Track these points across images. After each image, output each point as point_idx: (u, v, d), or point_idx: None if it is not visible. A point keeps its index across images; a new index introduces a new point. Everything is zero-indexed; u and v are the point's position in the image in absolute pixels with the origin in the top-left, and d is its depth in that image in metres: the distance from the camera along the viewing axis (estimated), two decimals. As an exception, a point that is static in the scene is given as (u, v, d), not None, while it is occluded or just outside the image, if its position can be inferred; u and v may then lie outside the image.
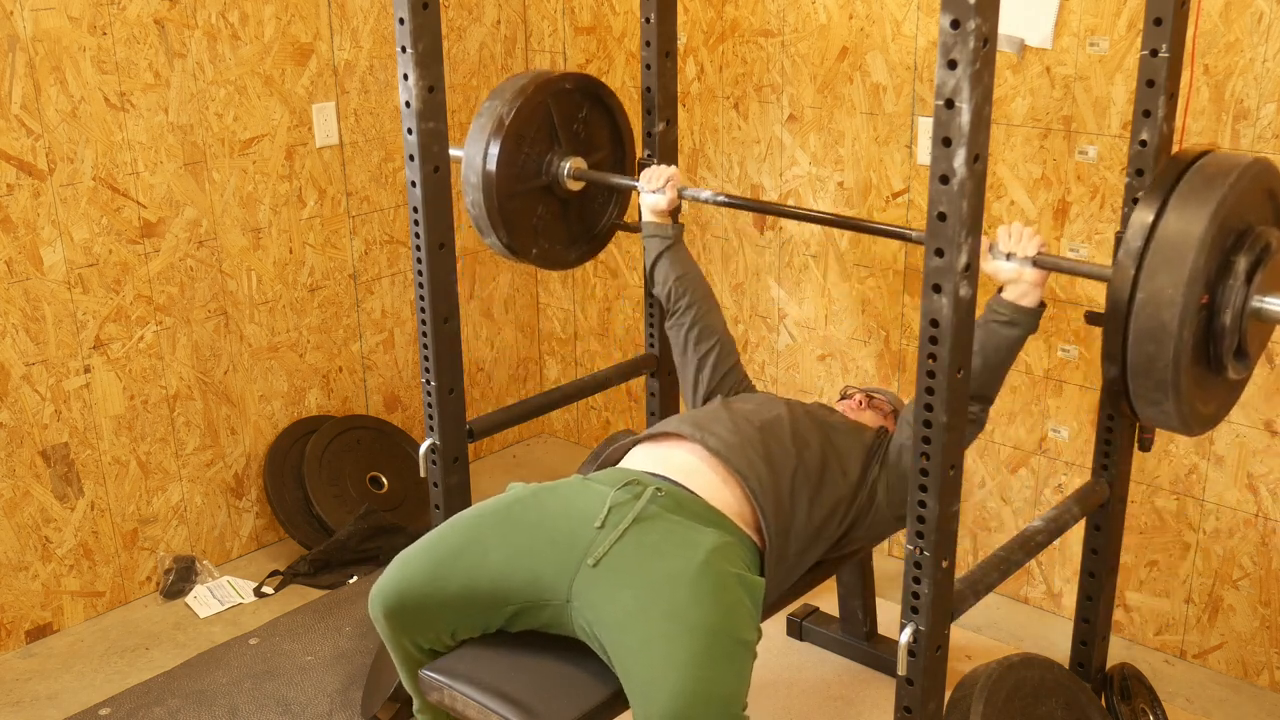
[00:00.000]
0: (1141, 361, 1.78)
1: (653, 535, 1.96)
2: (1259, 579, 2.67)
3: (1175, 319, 1.73)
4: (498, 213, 2.49)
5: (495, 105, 2.51)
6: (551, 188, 2.62)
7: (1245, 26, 2.41)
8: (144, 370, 3.03)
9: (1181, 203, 1.77)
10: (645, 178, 2.55)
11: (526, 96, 2.51)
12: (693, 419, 2.25)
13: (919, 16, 2.83)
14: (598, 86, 2.67)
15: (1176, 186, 1.80)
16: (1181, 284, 1.72)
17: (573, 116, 2.63)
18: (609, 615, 1.89)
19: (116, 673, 2.83)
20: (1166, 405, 1.81)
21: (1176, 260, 1.73)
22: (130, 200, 2.93)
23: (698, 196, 2.52)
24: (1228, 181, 1.77)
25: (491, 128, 2.48)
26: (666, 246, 2.54)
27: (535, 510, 2.04)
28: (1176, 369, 1.75)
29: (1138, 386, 1.82)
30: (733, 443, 2.15)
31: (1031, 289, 2.00)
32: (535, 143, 2.57)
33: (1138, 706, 2.42)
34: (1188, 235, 1.73)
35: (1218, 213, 1.74)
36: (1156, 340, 1.75)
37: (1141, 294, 1.76)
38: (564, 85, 2.59)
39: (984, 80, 1.52)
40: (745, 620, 1.89)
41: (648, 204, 2.55)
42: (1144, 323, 1.76)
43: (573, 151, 2.62)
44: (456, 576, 1.97)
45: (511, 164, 2.51)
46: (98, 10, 2.78)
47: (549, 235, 2.63)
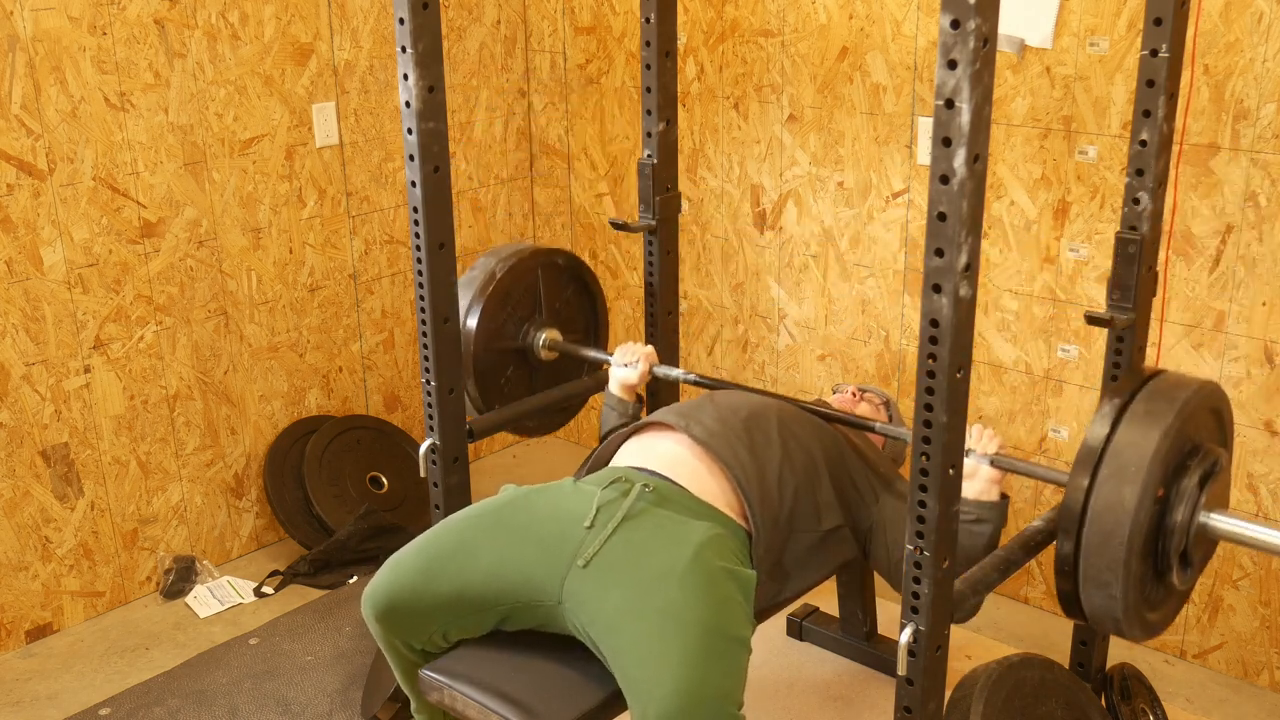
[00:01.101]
0: (1093, 596, 1.86)
1: (641, 533, 1.96)
2: (1259, 579, 2.67)
3: (1127, 527, 1.80)
4: (471, 362, 2.57)
5: (490, 261, 2.63)
6: (525, 354, 2.70)
7: (1245, 26, 2.41)
8: (144, 370, 3.03)
9: (1136, 417, 1.86)
10: (619, 352, 2.59)
11: (521, 259, 2.64)
12: (678, 409, 2.27)
13: (919, 16, 2.83)
14: (586, 272, 2.80)
15: (1131, 402, 1.89)
16: (1135, 494, 1.80)
17: (557, 293, 2.74)
18: (601, 615, 1.89)
19: (116, 673, 2.83)
20: (1120, 628, 1.89)
21: (1130, 472, 1.82)
22: (130, 200, 2.93)
23: (669, 374, 2.57)
24: (1180, 400, 1.87)
25: (482, 280, 2.59)
26: (621, 424, 2.53)
27: (525, 512, 2.05)
28: (1126, 604, 1.84)
29: (1092, 613, 1.89)
30: (717, 431, 2.16)
31: (989, 486, 2.07)
32: (519, 306, 2.67)
33: (1138, 706, 2.42)
34: (1141, 449, 1.82)
35: (1164, 441, 1.82)
36: (1105, 580, 1.83)
37: (1087, 540, 1.84)
38: (556, 260, 2.72)
39: (984, 80, 1.51)
40: (738, 615, 1.89)
41: (617, 377, 2.57)
42: (1093, 564, 1.84)
43: (551, 324, 2.72)
44: (447, 578, 1.98)
45: (494, 319, 2.60)
46: (98, 10, 2.78)
47: (514, 399, 2.70)
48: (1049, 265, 2.78)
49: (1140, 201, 2.10)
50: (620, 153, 3.56)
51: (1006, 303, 2.87)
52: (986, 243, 2.85)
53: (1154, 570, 1.89)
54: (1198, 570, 1.97)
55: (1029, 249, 2.81)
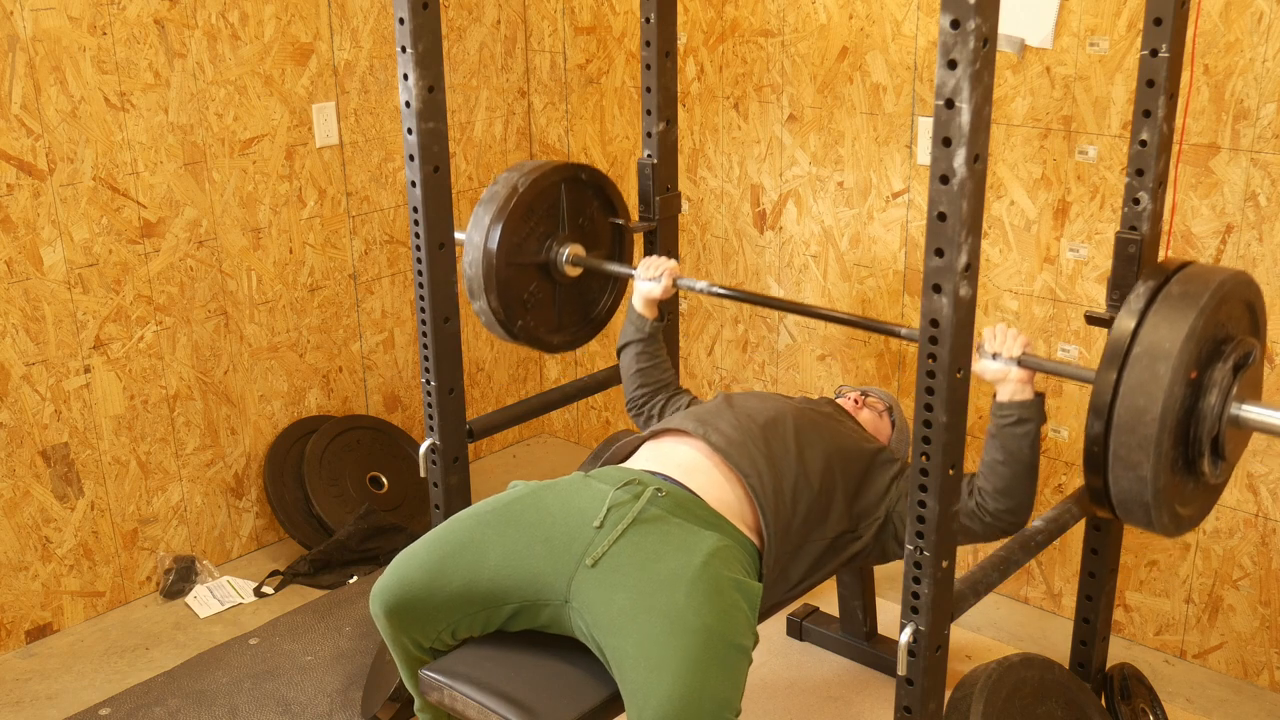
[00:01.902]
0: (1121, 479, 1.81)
1: (651, 537, 1.96)
2: (1259, 579, 2.67)
3: (1156, 420, 1.75)
4: (494, 277, 2.53)
5: (512, 175, 2.58)
6: (548, 269, 2.66)
7: (1245, 26, 2.41)
8: (144, 370, 3.03)
9: (1164, 309, 1.81)
10: (643, 266, 2.59)
11: (543, 173, 2.58)
12: (696, 415, 2.25)
13: (919, 16, 2.83)
14: (609, 186, 2.73)
15: (1159, 293, 1.84)
16: (1163, 383, 1.75)
17: (581, 208, 2.69)
18: (605, 617, 1.89)
19: (116, 673, 2.83)
20: (1149, 517, 1.84)
21: (1159, 361, 1.76)
22: (130, 200, 2.93)
23: (693, 287, 2.55)
24: (1209, 290, 1.81)
25: (505, 195, 2.54)
26: (640, 338, 2.56)
27: (535, 509, 2.04)
28: (1156, 487, 1.78)
29: (1120, 501, 1.85)
30: (735, 439, 2.15)
31: (1021, 386, 2.03)
32: (542, 221, 2.62)
33: (1138, 706, 2.42)
34: (1170, 341, 1.77)
35: (1198, 320, 1.78)
36: (1135, 459, 1.78)
37: (1119, 417, 1.79)
38: (579, 175, 2.66)
39: (984, 80, 1.52)
40: (741, 625, 1.89)
41: (641, 291, 2.57)
42: (1123, 442, 1.79)
43: (574, 239, 2.67)
44: (456, 575, 1.97)
45: (516, 233, 2.56)
46: (98, 10, 2.78)
47: (537, 314, 2.68)
48: (1049, 265, 2.79)
49: (1140, 201, 2.10)
50: (620, 153, 3.56)
51: (1006, 303, 2.87)
52: (986, 243, 2.85)
53: (1184, 458, 1.84)
54: (1230, 464, 1.91)
55: (1029, 249, 2.81)
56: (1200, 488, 1.93)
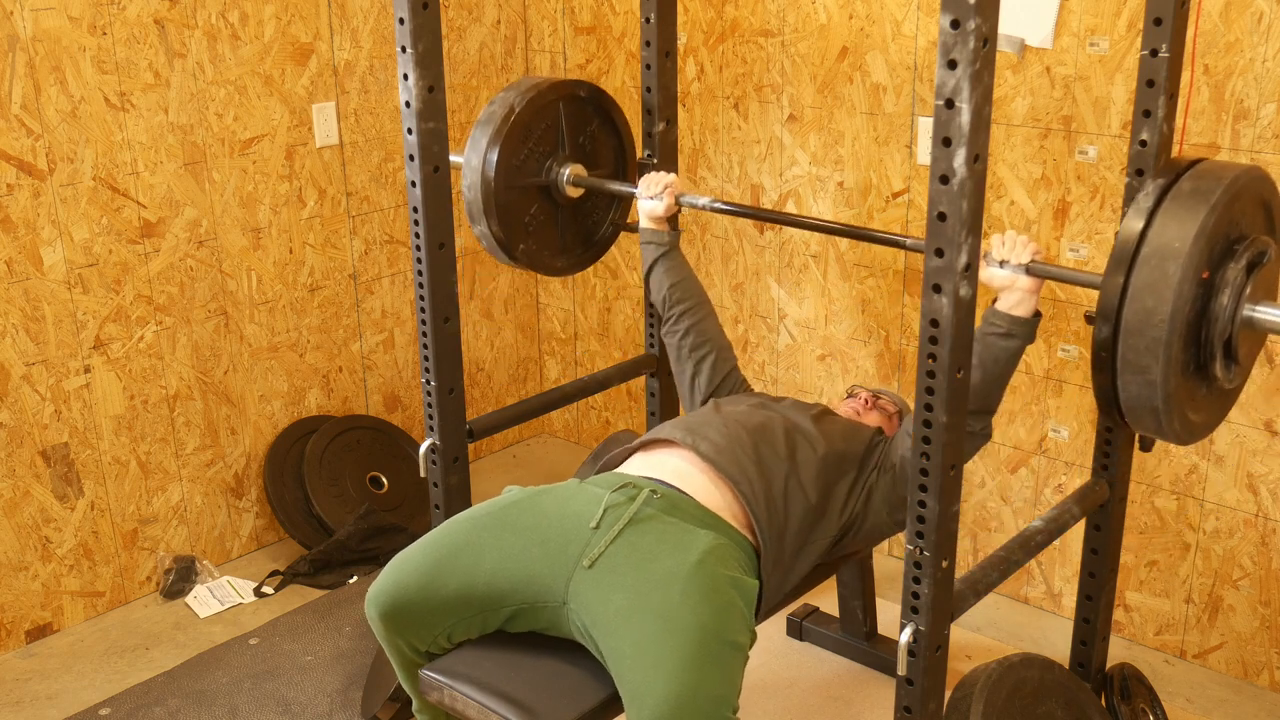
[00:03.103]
0: (1130, 384, 1.74)
1: (647, 537, 1.96)
2: (1259, 579, 2.67)
3: (1166, 321, 1.69)
4: (493, 200, 2.48)
5: (509, 95, 2.51)
6: (549, 190, 2.61)
7: (1245, 26, 2.41)
8: (144, 370, 3.03)
9: (1174, 208, 1.73)
10: (643, 184, 2.55)
11: (540, 92, 2.51)
12: (684, 424, 2.25)
13: (919, 16, 2.83)
14: (610, 103, 2.68)
15: (1169, 191, 1.76)
16: (1173, 283, 1.68)
17: (581, 126, 2.64)
18: (603, 617, 1.89)
19: (116, 673, 2.83)
20: (1159, 422, 1.76)
21: (1168, 261, 1.69)
22: (130, 200, 2.93)
23: (695, 203, 2.52)
24: (1221, 186, 1.73)
25: (501, 115, 2.48)
26: (662, 253, 2.54)
27: (531, 513, 2.04)
28: (1166, 390, 1.71)
29: (1129, 407, 1.78)
30: (723, 446, 2.15)
31: (1026, 296, 1.98)
32: (541, 141, 2.57)
33: (1138, 706, 2.42)
34: (1180, 239, 1.70)
35: (1209, 217, 1.70)
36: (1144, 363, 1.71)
37: (1127, 320, 1.72)
38: (578, 92, 2.60)
39: (984, 80, 1.52)
40: (738, 622, 1.89)
41: (645, 210, 2.55)
42: (1131, 346, 1.72)
43: (575, 159, 2.62)
44: (452, 579, 1.97)
45: (514, 155, 2.50)
46: (98, 10, 2.78)
47: (539, 238, 2.63)
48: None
49: (1140, 201, 2.10)
50: (620, 153, 3.56)
51: (1006, 303, 2.87)
52: (986, 243, 2.85)
53: (1196, 361, 1.77)
54: (1244, 369, 1.83)
55: (1029, 249, 2.81)
56: (1212, 392, 1.85)
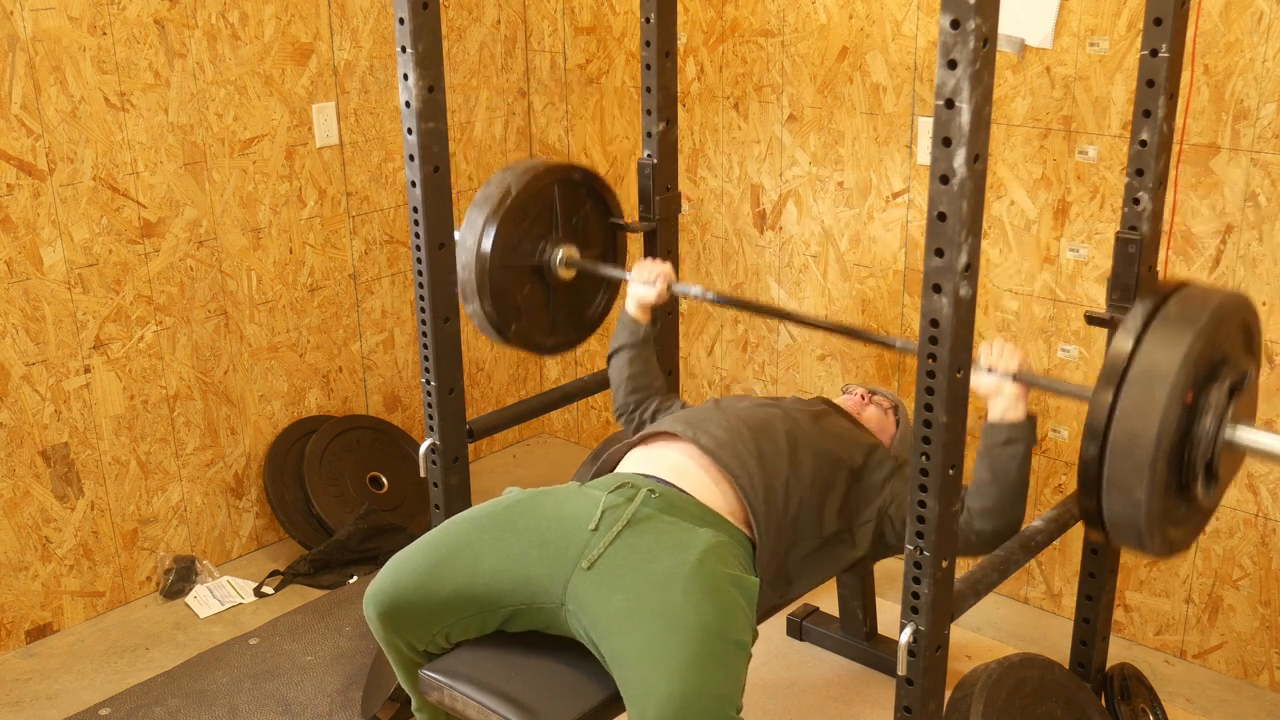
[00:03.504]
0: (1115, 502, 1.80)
1: (646, 537, 1.96)
2: (1259, 579, 2.67)
3: (1152, 444, 1.74)
4: (487, 280, 2.51)
5: (505, 177, 2.56)
6: (541, 271, 2.65)
7: (1245, 26, 2.41)
8: (144, 370, 3.03)
9: (1161, 330, 1.80)
10: (637, 270, 2.57)
11: (535, 175, 2.57)
12: (685, 418, 2.25)
13: (919, 16, 2.83)
14: (603, 186, 2.72)
15: (1156, 314, 1.83)
16: (1159, 406, 1.74)
17: (574, 209, 2.68)
18: (603, 618, 1.89)
19: (116, 673, 2.83)
20: (1141, 540, 1.83)
21: (1155, 384, 1.76)
22: (130, 200, 2.93)
23: (687, 292, 2.54)
24: (1207, 312, 1.80)
25: (498, 197, 2.52)
26: (634, 342, 2.54)
27: (529, 514, 2.04)
28: (1149, 511, 1.77)
29: (1113, 523, 1.84)
30: (724, 440, 2.16)
31: (1014, 403, 2.01)
32: (535, 223, 2.61)
33: (1138, 706, 2.42)
34: (1167, 361, 1.76)
35: (1196, 341, 1.77)
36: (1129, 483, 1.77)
37: (1114, 440, 1.78)
38: (572, 175, 2.65)
39: (984, 80, 1.52)
40: (740, 621, 1.89)
41: (635, 295, 2.55)
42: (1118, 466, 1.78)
43: (568, 241, 2.66)
44: (450, 579, 1.98)
45: (510, 235, 2.54)
46: (98, 10, 2.78)
47: (530, 318, 2.66)
48: (1049, 265, 2.79)
49: (1140, 201, 2.10)
50: (620, 153, 3.56)
51: (1006, 303, 2.87)
52: (986, 243, 2.85)
53: (1178, 481, 1.83)
54: (1222, 486, 1.90)
55: (1029, 249, 2.81)
56: (1191, 510, 1.93)
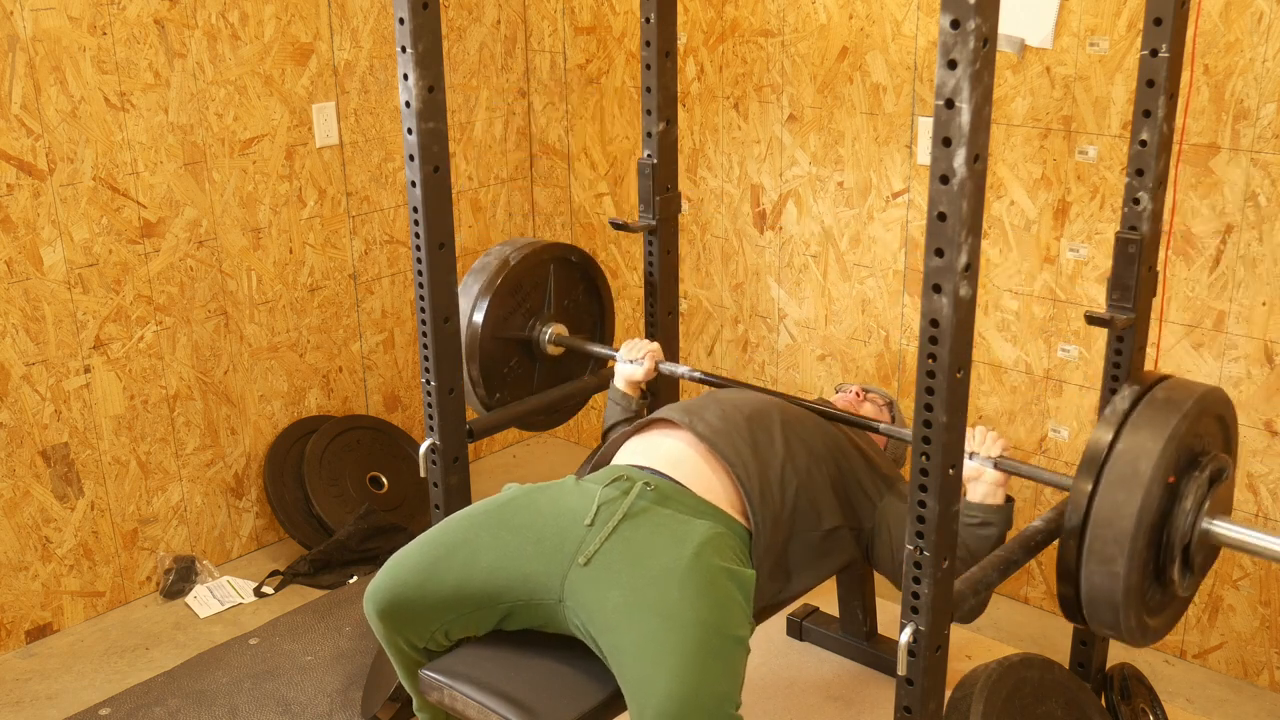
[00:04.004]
0: (1095, 574, 1.86)
1: (642, 531, 1.96)
2: (1259, 579, 2.67)
3: (1129, 534, 1.81)
4: (477, 346, 2.57)
5: (504, 249, 2.63)
6: (530, 346, 2.71)
7: (1245, 26, 2.41)
8: (144, 370, 3.03)
9: (1149, 412, 1.87)
10: (625, 348, 2.61)
11: (534, 251, 2.65)
12: (683, 406, 2.27)
13: (919, 16, 2.83)
14: (596, 270, 2.80)
15: (1144, 398, 1.89)
16: (1136, 501, 1.80)
17: (567, 290, 2.75)
18: (601, 614, 1.89)
19: (116, 673, 2.83)
20: (1116, 618, 1.88)
21: (1132, 479, 1.82)
22: (130, 200, 2.93)
23: (674, 371, 2.58)
24: (1192, 399, 1.87)
25: (496, 266, 2.60)
26: (625, 419, 2.58)
27: (527, 510, 2.05)
28: (1128, 584, 1.83)
29: (1090, 599, 1.89)
30: (720, 428, 2.17)
31: (994, 489, 2.07)
32: (528, 297, 2.67)
33: (1138, 706, 2.42)
34: (1144, 456, 1.82)
35: (1173, 438, 1.83)
36: (1110, 553, 1.83)
37: (1097, 511, 1.84)
38: (569, 257, 2.72)
39: (984, 80, 1.52)
40: (737, 615, 1.89)
41: (623, 373, 2.60)
42: (1099, 535, 1.84)
43: (558, 319, 2.72)
44: (449, 576, 1.98)
45: (503, 306, 2.61)
46: (98, 10, 2.78)
47: (514, 389, 2.70)
48: (1049, 265, 2.79)
49: (1140, 201, 2.10)
50: (620, 153, 3.56)
51: (1006, 303, 2.87)
52: (986, 243, 2.85)
53: (1156, 562, 1.90)
54: (1198, 576, 1.97)
55: (1029, 249, 2.81)
56: (1167, 598, 1.98)
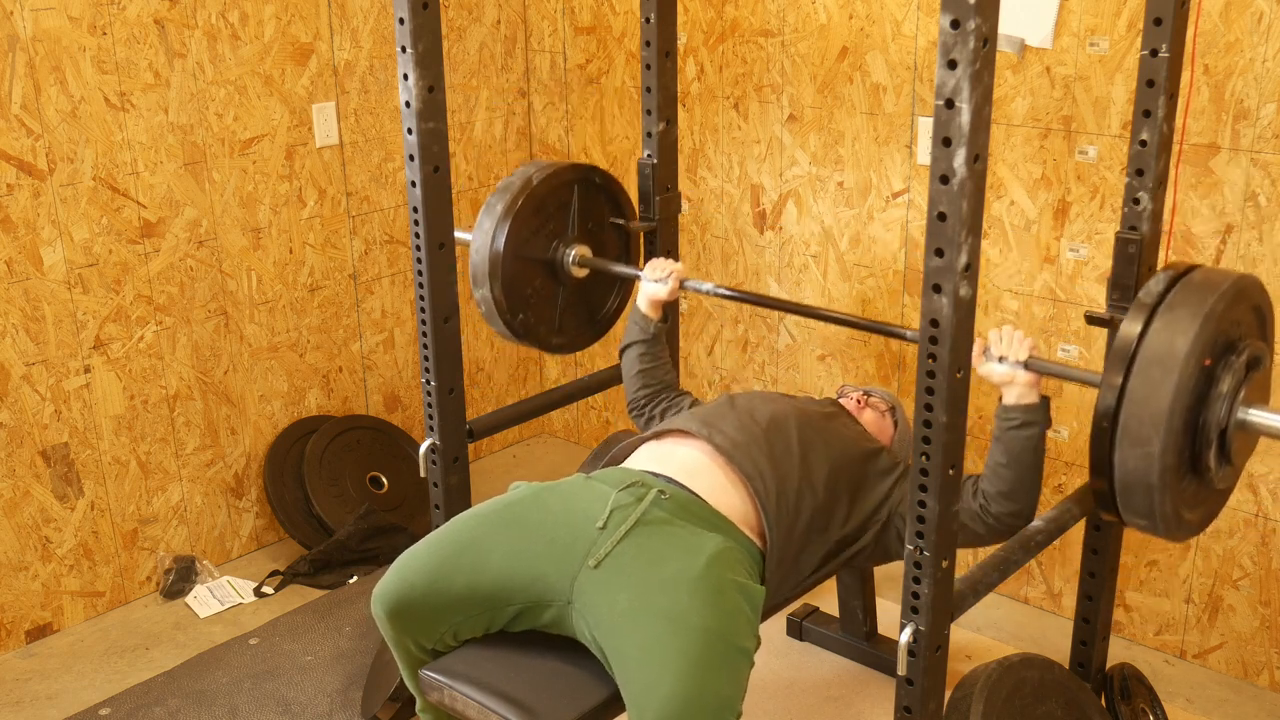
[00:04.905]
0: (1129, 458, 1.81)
1: (654, 539, 1.96)
2: (1259, 579, 2.67)
3: (1165, 413, 1.75)
4: (499, 265, 2.53)
5: (528, 170, 2.60)
6: (554, 268, 2.67)
7: (1245, 26, 2.41)
8: (144, 370, 3.03)
9: (1174, 306, 1.81)
10: (649, 267, 2.60)
11: (557, 171, 2.60)
12: (700, 416, 2.25)
13: (919, 16, 2.83)
14: (620, 191, 2.74)
15: (1170, 291, 1.83)
16: (1173, 379, 1.74)
17: (591, 211, 2.70)
18: (608, 617, 1.89)
19: (116, 673, 2.83)
20: (1151, 504, 1.83)
21: (1169, 358, 1.76)
22: (130, 200, 2.93)
23: (699, 288, 2.56)
24: (1220, 289, 1.81)
25: (519, 186, 2.55)
26: (645, 339, 2.58)
27: (537, 510, 2.04)
28: (1164, 465, 1.77)
29: (1124, 485, 1.84)
30: (739, 441, 2.15)
31: (1028, 390, 2.03)
32: (552, 219, 2.64)
33: (1138, 706, 2.42)
34: (1181, 334, 1.77)
35: (1210, 317, 1.78)
36: (1145, 434, 1.77)
37: (1132, 390, 1.78)
38: (593, 178, 2.68)
39: (984, 80, 1.52)
40: (744, 627, 1.89)
41: (646, 293, 2.58)
42: (1134, 415, 1.78)
43: (582, 241, 2.69)
44: (459, 577, 1.97)
45: (526, 226, 2.57)
46: (98, 10, 2.78)
47: (538, 311, 2.68)
48: (1049, 265, 2.79)
49: (1140, 201, 2.10)
50: (620, 153, 3.56)
51: (1006, 303, 2.87)
52: (986, 243, 2.85)
53: (1191, 449, 1.84)
54: (1235, 467, 1.91)
55: (1029, 249, 2.81)
56: (1204, 489, 1.92)
